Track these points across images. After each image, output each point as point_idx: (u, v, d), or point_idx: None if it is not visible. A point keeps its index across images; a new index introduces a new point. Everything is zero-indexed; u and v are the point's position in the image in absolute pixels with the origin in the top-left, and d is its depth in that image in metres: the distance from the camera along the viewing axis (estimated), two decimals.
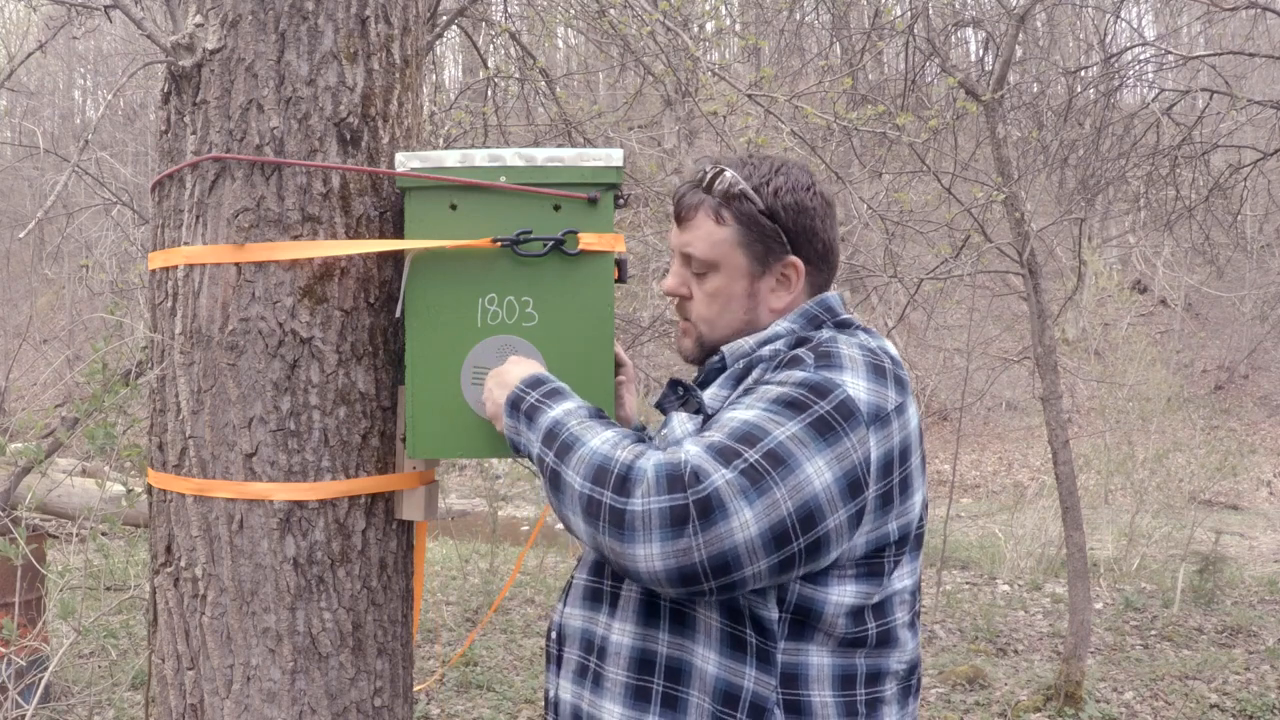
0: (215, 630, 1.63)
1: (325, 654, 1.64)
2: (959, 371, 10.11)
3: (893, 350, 1.44)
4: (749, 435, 1.24)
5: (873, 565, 1.36)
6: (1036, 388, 5.39)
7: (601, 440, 1.29)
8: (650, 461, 1.23)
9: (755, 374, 1.40)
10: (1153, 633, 6.37)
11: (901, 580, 1.41)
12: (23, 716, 2.89)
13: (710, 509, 1.19)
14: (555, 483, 1.31)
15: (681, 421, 1.43)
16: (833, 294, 1.54)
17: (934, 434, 14.38)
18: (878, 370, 1.35)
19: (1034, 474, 13.09)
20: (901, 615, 1.42)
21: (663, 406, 1.54)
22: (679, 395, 1.51)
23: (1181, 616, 6.67)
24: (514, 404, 1.42)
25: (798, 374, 1.32)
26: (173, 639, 1.68)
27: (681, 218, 1.52)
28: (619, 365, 1.78)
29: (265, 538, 1.61)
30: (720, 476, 1.20)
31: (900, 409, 1.34)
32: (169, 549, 1.68)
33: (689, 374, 1.72)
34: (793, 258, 1.49)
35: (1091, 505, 9.16)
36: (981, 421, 15.19)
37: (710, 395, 1.45)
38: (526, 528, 9.47)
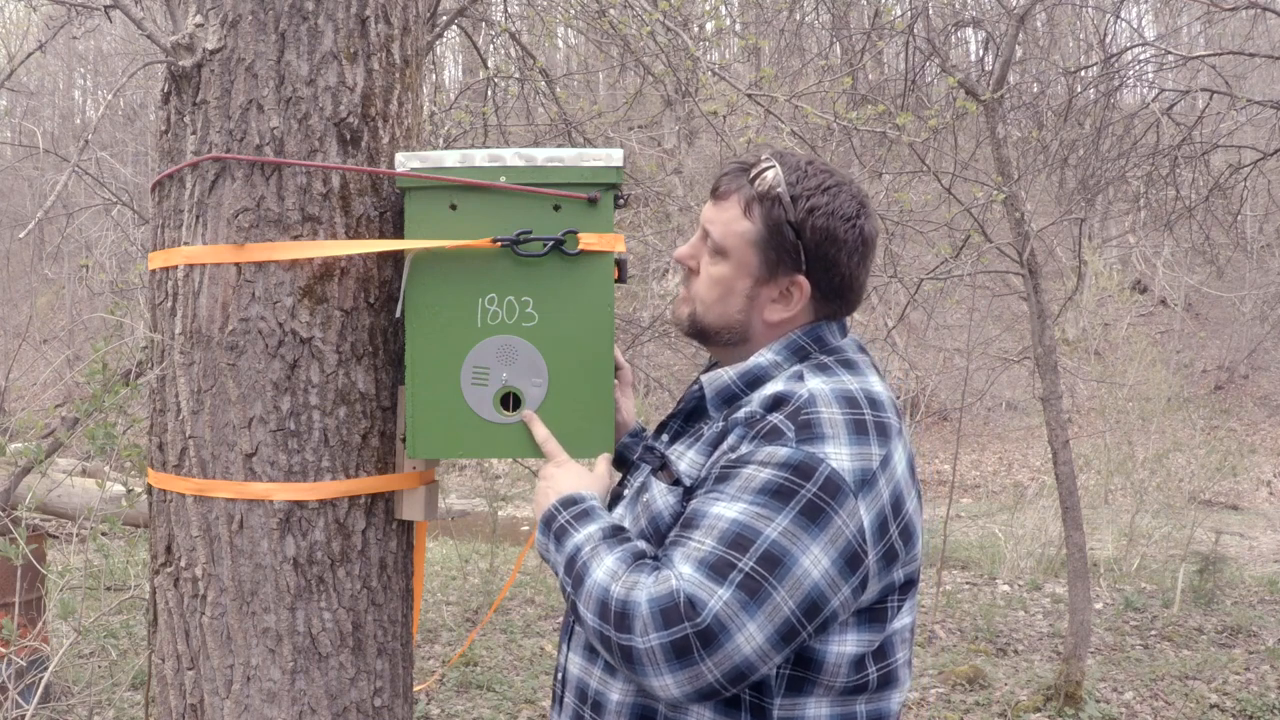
0: (215, 630, 1.63)
1: (325, 654, 1.64)
2: (959, 371, 10.11)
3: (875, 389, 1.39)
4: (739, 539, 1.24)
5: (876, 612, 1.35)
6: (1036, 388, 5.39)
7: (604, 571, 1.30)
8: (644, 595, 1.24)
9: (731, 440, 1.36)
10: (1153, 633, 6.37)
11: (902, 619, 1.40)
12: (23, 716, 2.89)
13: (713, 635, 1.20)
14: (576, 612, 1.34)
15: (662, 492, 1.42)
16: (828, 324, 1.48)
17: (934, 434, 14.37)
18: (858, 428, 1.32)
19: (1034, 474, 13.08)
20: (902, 654, 1.41)
21: (644, 460, 1.52)
22: (657, 458, 1.49)
23: (1181, 616, 6.66)
24: (546, 522, 1.44)
25: (780, 452, 1.28)
26: (173, 639, 1.67)
27: (717, 194, 1.47)
28: (616, 368, 1.77)
29: (265, 538, 1.61)
30: (717, 600, 1.21)
31: (885, 461, 1.31)
32: (169, 549, 1.68)
33: (682, 379, 1.71)
34: (800, 278, 1.42)
35: (1091, 505, 9.15)
36: (981, 421, 15.18)
37: (688, 464, 1.42)
38: (526, 528, 9.47)
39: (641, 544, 1.36)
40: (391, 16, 1.69)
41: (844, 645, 1.33)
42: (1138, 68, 6.11)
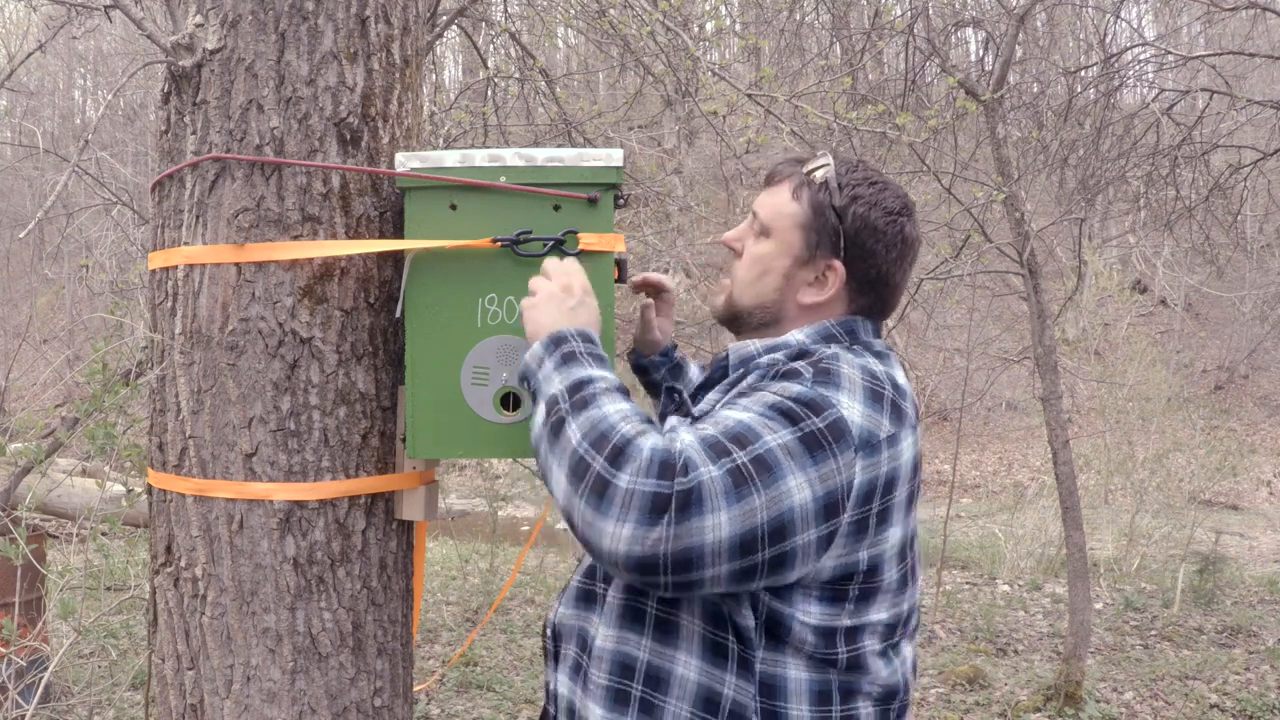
0: (215, 630, 1.63)
1: (325, 654, 1.64)
2: (959, 371, 10.11)
3: (900, 379, 1.42)
4: (741, 436, 1.24)
5: (837, 590, 1.35)
6: (1036, 388, 5.39)
7: (616, 409, 1.28)
8: (649, 442, 1.23)
9: (751, 379, 1.40)
10: (1153, 633, 6.37)
11: (878, 614, 1.39)
12: (23, 716, 2.89)
13: (689, 504, 1.18)
14: (556, 431, 1.29)
15: (671, 420, 1.45)
16: (862, 320, 1.51)
17: (934, 434, 14.38)
18: (875, 395, 1.33)
19: (1034, 474, 13.08)
20: (871, 644, 1.40)
21: (663, 415, 1.55)
22: (675, 403, 1.52)
23: (1181, 616, 6.67)
24: (557, 341, 1.39)
25: (794, 387, 1.31)
26: (173, 639, 1.67)
27: (770, 180, 1.54)
28: (661, 290, 1.89)
29: (265, 538, 1.61)
30: (706, 472, 1.20)
31: (893, 439, 1.32)
32: (169, 549, 1.68)
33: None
34: (837, 262, 1.47)
35: (1091, 505, 9.16)
36: (981, 421, 15.19)
37: (705, 402, 1.46)
38: (526, 528, 9.47)
39: None
40: (391, 16, 1.69)
41: (807, 615, 1.33)
42: (1138, 68, 6.11)
